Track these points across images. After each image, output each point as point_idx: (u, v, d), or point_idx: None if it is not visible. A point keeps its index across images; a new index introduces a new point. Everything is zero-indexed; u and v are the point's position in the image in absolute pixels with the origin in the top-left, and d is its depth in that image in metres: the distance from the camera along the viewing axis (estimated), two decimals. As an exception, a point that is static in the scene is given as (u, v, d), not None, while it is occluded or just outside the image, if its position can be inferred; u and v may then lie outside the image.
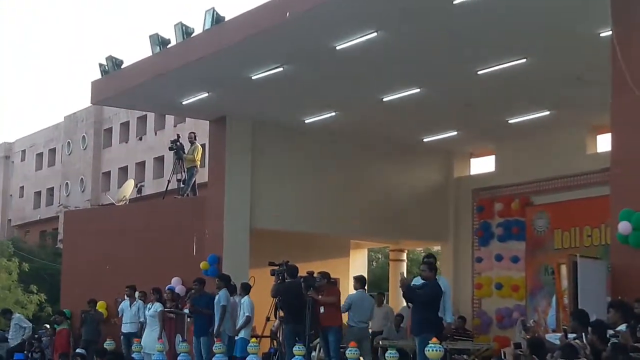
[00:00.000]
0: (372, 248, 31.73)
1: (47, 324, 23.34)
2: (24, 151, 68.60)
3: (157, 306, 18.10)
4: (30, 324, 21.80)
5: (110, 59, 19.18)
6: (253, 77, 16.87)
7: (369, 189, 21.61)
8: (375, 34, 14.36)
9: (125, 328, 19.03)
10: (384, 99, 18.07)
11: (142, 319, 18.70)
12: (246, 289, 16.12)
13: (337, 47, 14.96)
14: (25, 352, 20.26)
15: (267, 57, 16.16)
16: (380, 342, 16.39)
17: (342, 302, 15.16)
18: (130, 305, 19.12)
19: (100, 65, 19.35)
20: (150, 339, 17.61)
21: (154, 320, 18.05)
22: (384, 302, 20.68)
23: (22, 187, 68.26)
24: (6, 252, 40.79)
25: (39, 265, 45.20)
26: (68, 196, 59.18)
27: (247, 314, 15.72)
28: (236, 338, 15.75)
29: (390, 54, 15.44)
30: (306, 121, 19.96)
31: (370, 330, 16.55)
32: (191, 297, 17.44)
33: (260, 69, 16.58)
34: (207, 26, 16.36)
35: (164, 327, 18.05)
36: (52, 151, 64.49)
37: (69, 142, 60.66)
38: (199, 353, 16.46)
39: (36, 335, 21.66)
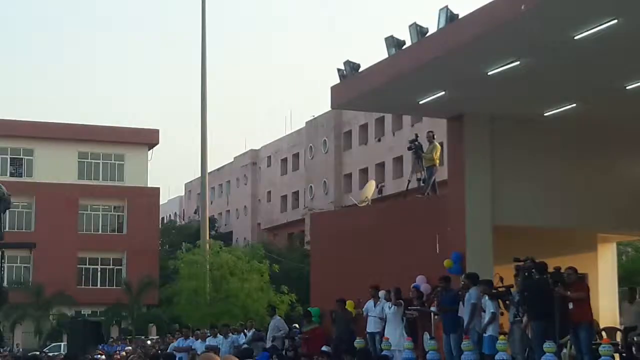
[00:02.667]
0: (621, 241, 30.42)
1: (297, 324, 24.22)
2: (269, 157, 71.72)
3: (398, 305, 18.35)
4: (287, 328, 22.72)
5: (347, 63, 19.66)
6: (489, 73, 16.72)
7: (617, 180, 20.77)
8: (615, 21, 13.84)
9: (370, 327, 19.36)
10: (627, 87, 17.33)
11: (384, 317, 18.96)
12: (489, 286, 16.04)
13: (575, 37, 14.54)
14: (278, 351, 21.09)
15: (502, 52, 15.98)
16: (635, 338, 15.78)
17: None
18: (374, 305, 19.45)
19: (339, 70, 19.86)
20: (395, 337, 17.92)
21: (395, 318, 18.32)
22: (637, 297, 19.78)
23: (269, 192, 71.39)
24: (258, 255, 42.85)
25: (288, 267, 47.15)
26: (312, 199, 61.16)
27: (492, 311, 15.64)
28: (484, 335, 15.70)
29: (632, 40, 14.80)
30: (545, 114, 19.51)
31: (622, 327, 15.95)
32: (438, 295, 17.55)
33: (496, 64, 16.41)
34: (442, 25, 16.41)
35: (408, 325, 18.25)
36: (296, 156, 66.91)
37: (311, 147, 62.69)
38: (448, 350, 16.56)
39: (290, 335, 22.54)
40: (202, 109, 45.70)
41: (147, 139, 60.98)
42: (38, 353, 35.21)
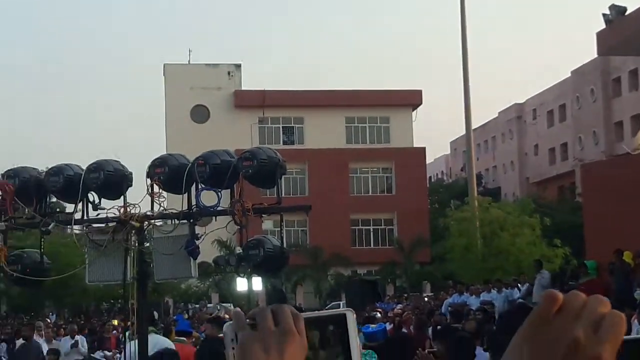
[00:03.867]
0: None
1: (574, 277, 23.66)
2: (534, 110, 70.09)
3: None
4: (550, 283, 22.31)
5: (613, 7, 18.85)
6: None
7: None
8: None
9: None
10: None
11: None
12: None
13: None
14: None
15: None
16: None
17: None
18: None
19: (604, 15, 19.07)
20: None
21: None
22: None
23: (535, 145, 69.87)
24: (527, 209, 42.16)
25: (560, 220, 45.98)
26: (582, 150, 59.12)
27: None
28: None
29: None
30: None
31: None
32: None
33: None
34: None
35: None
36: (562, 107, 64.92)
37: (577, 97, 60.55)
38: None
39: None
40: (463, 65, 45.41)
41: (410, 100, 61.64)
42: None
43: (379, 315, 28.43)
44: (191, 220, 8.67)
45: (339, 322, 1.59)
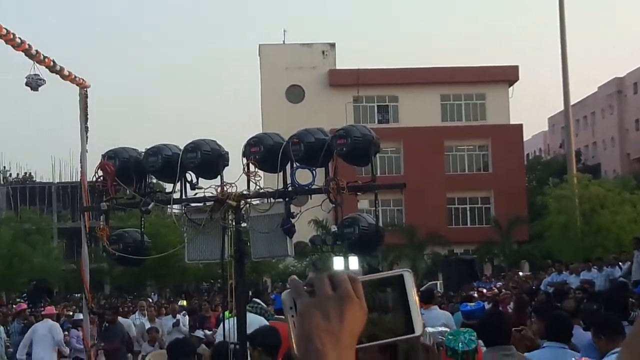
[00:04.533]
0: None
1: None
2: (635, 84, 68.16)
3: None
4: None
5: None
6: None
7: None
8: None
9: None
10: None
11: None
12: None
13: None
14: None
15: None
16: None
17: None
18: None
19: None
20: None
21: None
22: None
23: (636, 120, 68.08)
24: (628, 186, 41.15)
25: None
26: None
27: None
28: None
29: None
30: None
31: None
32: None
33: None
34: None
35: None
36: (663, 80, 63.03)
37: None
38: None
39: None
40: (561, 39, 44.44)
41: (507, 76, 60.69)
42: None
43: (476, 294, 28.25)
44: (287, 199, 8.72)
45: (397, 283, 1.56)
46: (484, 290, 27.14)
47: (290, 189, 8.73)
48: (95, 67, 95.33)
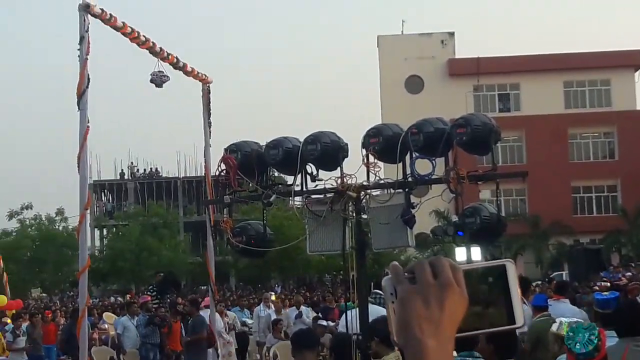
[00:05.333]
0: None
1: None
2: None
3: None
4: None
5: None
6: None
7: None
8: None
9: None
10: None
11: None
12: None
13: None
14: None
15: None
16: None
17: None
18: None
19: None
20: None
21: None
22: None
23: None
24: None
25: None
26: None
27: None
28: None
29: None
30: None
31: None
32: None
33: None
34: None
35: None
36: None
37: None
38: None
39: None
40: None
41: (632, 60, 58.78)
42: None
43: (608, 284, 27.46)
44: (406, 189, 8.71)
45: (499, 273, 1.54)
46: (610, 282, 26.35)
47: (410, 179, 8.71)
48: (216, 62, 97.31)
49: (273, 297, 22.86)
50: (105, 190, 71.90)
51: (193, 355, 15.81)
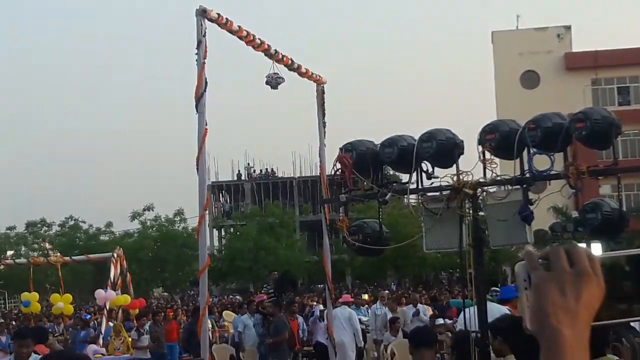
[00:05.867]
0: None
1: None
2: None
3: None
4: None
5: None
6: None
7: None
8: None
9: None
10: None
11: None
12: None
13: None
14: None
15: None
16: None
17: None
18: None
19: None
20: None
21: None
22: None
23: None
24: None
25: None
26: None
27: None
28: None
29: None
30: None
31: None
32: None
33: None
34: None
35: None
36: None
37: None
38: None
39: None
40: None
41: None
42: None
43: None
44: (524, 185, 8.58)
45: (636, 263, 1.50)
46: None
47: (527, 175, 8.58)
48: (329, 62, 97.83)
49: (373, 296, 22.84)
50: (223, 191, 73.25)
51: (275, 356, 16.01)
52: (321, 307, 20.62)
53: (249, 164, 74.27)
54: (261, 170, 74.27)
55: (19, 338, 8.08)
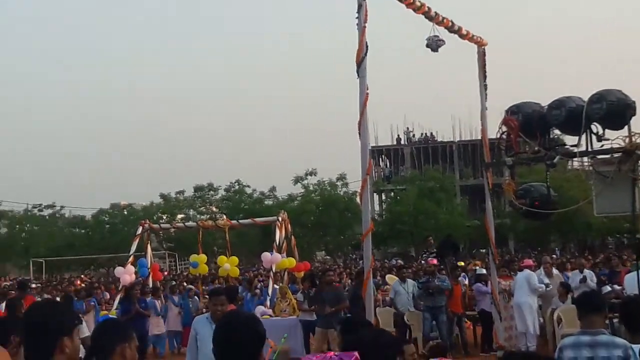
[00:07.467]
0: None
1: None
2: None
3: None
4: None
5: None
6: None
7: None
8: None
9: None
10: None
11: None
12: None
13: None
14: None
15: None
16: None
17: None
18: None
19: None
20: None
21: None
22: None
23: None
24: None
25: None
26: None
27: None
28: None
29: None
30: None
31: None
32: None
33: None
34: None
35: None
36: None
37: None
38: None
39: None
40: None
41: None
42: None
43: None
44: None
45: None
46: None
47: None
48: (491, 23, 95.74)
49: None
50: (383, 156, 73.39)
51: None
52: (483, 270, 20.41)
53: (408, 128, 74.03)
54: (421, 135, 73.88)
55: (215, 295, 8.14)
